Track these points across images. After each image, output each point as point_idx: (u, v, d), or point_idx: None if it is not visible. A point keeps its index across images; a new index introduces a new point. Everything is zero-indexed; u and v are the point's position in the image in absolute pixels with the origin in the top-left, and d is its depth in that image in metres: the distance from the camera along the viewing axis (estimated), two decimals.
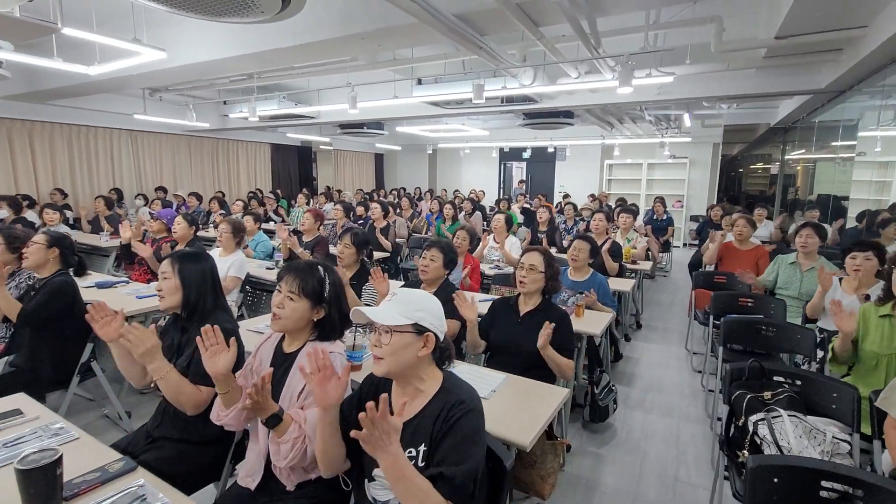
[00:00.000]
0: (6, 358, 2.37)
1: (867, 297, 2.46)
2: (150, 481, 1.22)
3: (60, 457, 1.05)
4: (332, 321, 1.48)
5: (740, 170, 12.98)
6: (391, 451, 1.02)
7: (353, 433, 1.01)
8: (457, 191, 11.59)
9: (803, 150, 7.89)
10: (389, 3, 2.62)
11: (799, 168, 8.41)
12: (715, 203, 8.63)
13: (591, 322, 2.67)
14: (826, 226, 5.59)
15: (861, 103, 4.90)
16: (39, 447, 1.27)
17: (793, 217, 7.48)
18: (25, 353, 2.28)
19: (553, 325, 1.99)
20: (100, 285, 3.22)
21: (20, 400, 1.62)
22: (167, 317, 3.05)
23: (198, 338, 1.33)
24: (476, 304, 2.16)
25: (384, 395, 1.00)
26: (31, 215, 5.81)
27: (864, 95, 4.64)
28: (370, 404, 0.99)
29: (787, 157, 8.75)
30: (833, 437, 1.61)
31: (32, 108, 6.59)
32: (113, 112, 7.27)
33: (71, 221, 6.12)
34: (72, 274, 2.52)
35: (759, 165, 11.89)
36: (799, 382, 1.86)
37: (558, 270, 2.30)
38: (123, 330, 1.45)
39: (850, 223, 5.30)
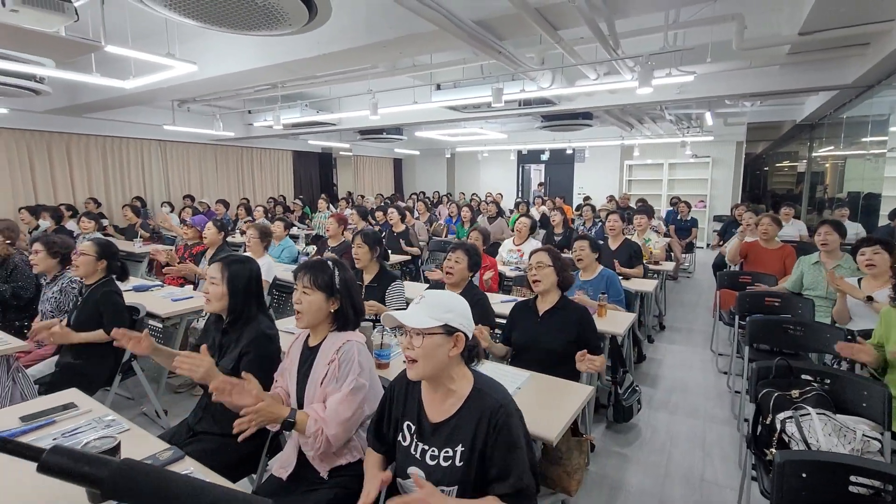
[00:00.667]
0: (53, 358, 2.52)
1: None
2: (197, 469, 1.30)
3: (119, 444, 1.14)
4: (345, 311, 1.58)
5: (765, 168, 12.65)
6: None
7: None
8: (474, 194, 11.63)
9: (831, 147, 7.68)
10: (411, 12, 2.69)
11: (827, 165, 8.18)
12: (739, 202, 8.46)
13: (614, 322, 2.68)
14: (857, 223, 5.45)
15: (891, 98, 4.77)
16: (97, 436, 1.37)
17: (822, 216, 7.28)
18: (74, 354, 2.42)
19: (585, 352, 1.93)
20: (137, 289, 3.37)
21: (73, 395, 1.73)
22: (199, 320, 3.20)
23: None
24: (485, 332, 2.15)
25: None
26: (70, 224, 6.08)
27: (895, 90, 4.52)
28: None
29: (814, 154, 8.53)
30: (863, 434, 1.59)
31: (70, 121, 6.92)
32: (144, 123, 7.58)
33: (104, 229, 6.36)
34: (115, 280, 2.65)
35: (786, 163, 11.58)
36: (828, 381, 1.84)
37: (567, 263, 2.33)
38: (176, 361, 1.51)
39: (883, 220, 5.15)
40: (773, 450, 1.64)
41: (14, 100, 5.22)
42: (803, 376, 1.86)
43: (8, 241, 3.38)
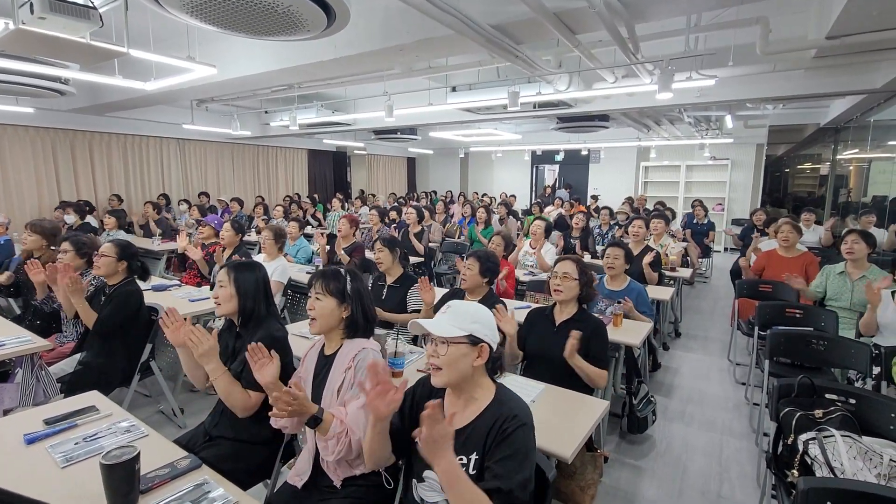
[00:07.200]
0: (76, 356, 2.57)
1: None
2: (213, 478, 1.31)
3: (139, 454, 1.15)
4: (355, 318, 1.60)
5: (786, 170, 12.40)
6: (447, 456, 1.06)
7: (414, 432, 1.07)
8: (485, 194, 11.57)
9: (857, 150, 7.48)
10: (428, 17, 2.68)
11: (852, 168, 7.98)
12: (759, 206, 8.29)
13: (630, 332, 2.64)
14: (882, 230, 5.29)
15: None
16: (118, 443, 1.40)
17: (845, 221, 7.10)
18: (95, 353, 2.47)
19: (580, 333, 1.99)
20: (155, 288, 3.42)
21: (94, 397, 1.76)
22: (216, 319, 3.24)
23: (247, 353, 1.52)
24: (514, 317, 2.19)
25: (437, 402, 1.06)
26: (92, 220, 6.22)
27: None
28: (431, 402, 1.05)
29: (838, 157, 8.32)
30: (890, 459, 1.54)
31: (93, 119, 7.06)
32: (164, 122, 7.71)
33: (127, 226, 6.47)
34: (137, 280, 2.69)
35: (808, 166, 11.33)
36: (853, 401, 1.79)
37: (592, 278, 2.29)
38: (188, 330, 1.62)
39: None
40: (796, 472, 1.60)
41: (39, 100, 5.34)
42: (827, 395, 1.81)
43: (52, 247, 3.29)
